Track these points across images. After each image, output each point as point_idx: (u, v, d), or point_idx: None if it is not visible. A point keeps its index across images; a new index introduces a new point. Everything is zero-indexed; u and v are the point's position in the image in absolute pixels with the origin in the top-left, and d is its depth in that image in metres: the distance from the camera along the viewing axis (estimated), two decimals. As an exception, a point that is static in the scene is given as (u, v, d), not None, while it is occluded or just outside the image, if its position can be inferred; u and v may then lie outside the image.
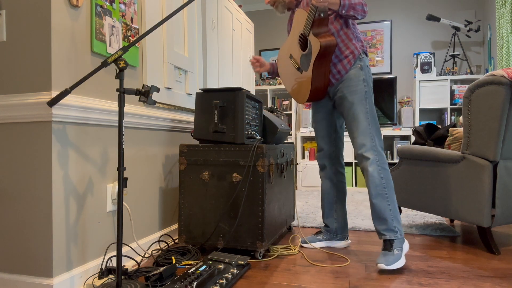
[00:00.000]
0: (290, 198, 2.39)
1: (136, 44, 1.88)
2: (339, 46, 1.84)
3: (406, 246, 1.76)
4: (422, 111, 4.86)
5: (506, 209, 1.94)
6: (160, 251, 1.90)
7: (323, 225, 2.11)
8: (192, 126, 2.44)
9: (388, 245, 1.71)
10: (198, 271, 1.51)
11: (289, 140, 5.15)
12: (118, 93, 1.33)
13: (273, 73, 2.19)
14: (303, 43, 1.85)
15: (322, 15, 1.73)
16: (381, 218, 1.73)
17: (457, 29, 4.61)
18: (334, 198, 2.07)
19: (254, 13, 5.66)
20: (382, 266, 1.63)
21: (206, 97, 1.95)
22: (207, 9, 2.76)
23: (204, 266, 1.58)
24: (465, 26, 4.62)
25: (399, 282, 1.55)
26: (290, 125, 5.27)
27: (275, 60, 2.38)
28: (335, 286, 1.51)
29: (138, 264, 1.68)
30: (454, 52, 4.69)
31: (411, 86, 5.01)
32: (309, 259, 1.85)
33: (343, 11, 1.71)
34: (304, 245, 2.09)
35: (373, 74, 5.20)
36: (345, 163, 4.81)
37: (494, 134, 1.89)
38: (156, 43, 2.06)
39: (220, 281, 1.47)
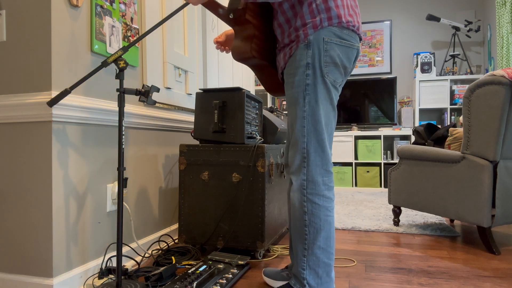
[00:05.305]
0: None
1: (136, 44, 1.88)
2: (282, 33, 1.32)
3: None
4: (422, 111, 4.86)
5: (506, 209, 1.94)
6: (160, 251, 1.90)
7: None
8: (192, 126, 2.44)
9: None
10: (198, 271, 1.51)
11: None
12: (118, 93, 1.33)
13: None
14: None
15: (231, 15, 1.32)
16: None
17: (457, 29, 4.61)
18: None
19: (254, 13, 5.65)
20: None
21: (206, 97, 1.95)
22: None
23: (204, 266, 1.58)
24: (465, 26, 4.63)
25: (399, 282, 1.55)
26: (290, 125, 5.26)
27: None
28: (335, 286, 1.51)
29: (138, 264, 1.68)
30: (454, 52, 4.69)
31: (411, 86, 5.01)
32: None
33: None
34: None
35: (373, 74, 5.19)
36: (345, 162, 4.80)
37: (494, 134, 1.89)
38: (156, 43, 2.06)
39: (220, 281, 1.47)
